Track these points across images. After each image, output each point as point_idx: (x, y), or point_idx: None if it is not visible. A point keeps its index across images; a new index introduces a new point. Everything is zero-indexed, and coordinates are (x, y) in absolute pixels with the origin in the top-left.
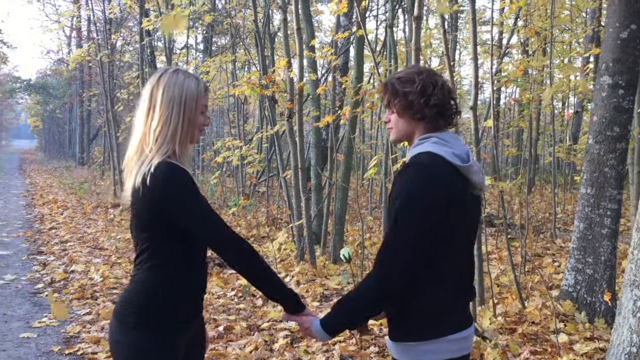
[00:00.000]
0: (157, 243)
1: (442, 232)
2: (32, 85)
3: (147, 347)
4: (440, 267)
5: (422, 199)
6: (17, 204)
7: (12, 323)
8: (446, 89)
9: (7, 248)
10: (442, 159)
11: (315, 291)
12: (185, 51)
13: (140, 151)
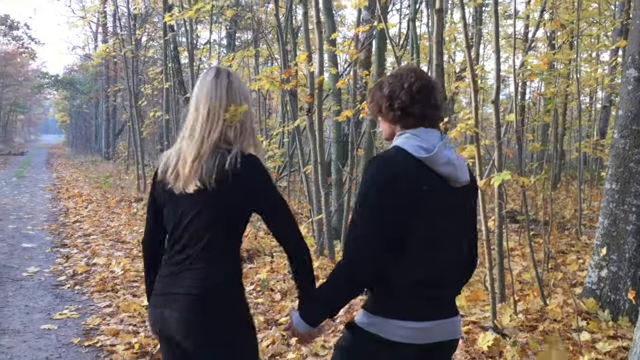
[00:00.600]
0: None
1: (401, 220)
2: (60, 80)
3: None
4: (406, 255)
5: (379, 189)
6: (43, 197)
7: (33, 315)
8: (415, 90)
9: (32, 241)
10: (406, 153)
11: None
12: (209, 46)
13: (215, 146)
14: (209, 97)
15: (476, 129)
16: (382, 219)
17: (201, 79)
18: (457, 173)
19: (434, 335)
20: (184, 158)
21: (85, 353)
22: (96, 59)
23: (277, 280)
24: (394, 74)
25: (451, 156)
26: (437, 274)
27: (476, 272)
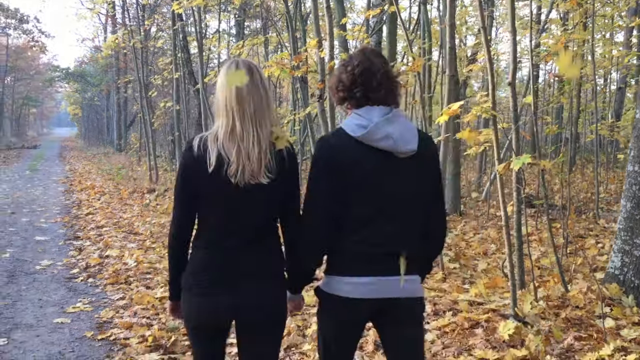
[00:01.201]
0: (272, 220)
1: (343, 194)
2: (71, 73)
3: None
4: (346, 220)
5: (319, 164)
6: (56, 190)
7: (46, 308)
8: (357, 73)
9: (45, 234)
10: (344, 132)
11: None
12: (217, 36)
13: (268, 133)
14: (260, 84)
15: (494, 111)
16: (318, 198)
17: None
18: (396, 146)
19: (380, 291)
20: (246, 153)
21: (98, 347)
22: (105, 50)
23: None
24: (344, 59)
25: (390, 131)
26: (378, 238)
27: (493, 258)
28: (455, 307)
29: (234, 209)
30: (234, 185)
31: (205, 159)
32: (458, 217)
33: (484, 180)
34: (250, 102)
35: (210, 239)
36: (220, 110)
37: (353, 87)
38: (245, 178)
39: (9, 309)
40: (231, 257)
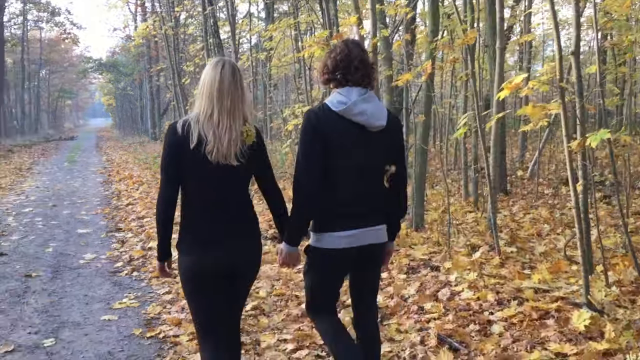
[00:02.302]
0: (246, 186)
1: (323, 158)
2: (103, 64)
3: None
4: (331, 183)
5: (306, 133)
6: (94, 181)
7: (93, 305)
8: (338, 59)
9: (87, 226)
10: (327, 107)
11: (401, 262)
12: (248, 19)
13: (241, 118)
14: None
15: (562, 83)
16: (311, 157)
17: (228, 70)
18: (369, 121)
19: (360, 240)
20: (219, 138)
21: (148, 345)
22: (137, 38)
23: None
24: (330, 48)
25: (362, 106)
26: (354, 198)
27: (548, 239)
28: (519, 296)
29: (213, 180)
30: (211, 161)
31: (188, 137)
32: (504, 196)
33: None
34: (228, 97)
35: (198, 210)
36: (204, 97)
37: (335, 71)
38: (219, 158)
39: (55, 306)
40: (215, 223)
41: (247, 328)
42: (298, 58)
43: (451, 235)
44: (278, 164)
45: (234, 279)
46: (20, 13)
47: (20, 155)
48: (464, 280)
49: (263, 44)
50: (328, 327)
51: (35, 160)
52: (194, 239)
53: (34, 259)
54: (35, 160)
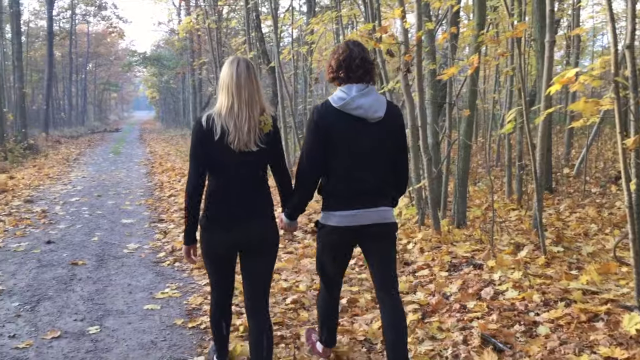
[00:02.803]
0: (264, 170)
1: (328, 146)
2: (147, 57)
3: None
4: (335, 170)
5: (311, 127)
6: (138, 172)
7: (136, 294)
8: (341, 59)
9: (131, 216)
10: (329, 103)
11: (443, 259)
12: (290, 13)
13: (259, 109)
14: (253, 77)
15: (618, 78)
16: (316, 149)
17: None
18: (366, 114)
19: (361, 220)
20: (240, 127)
21: (189, 335)
22: (181, 32)
23: None
24: (335, 48)
25: (360, 101)
26: (357, 182)
27: (596, 239)
28: (566, 297)
29: (235, 167)
30: (233, 150)
31: (212, 130)
32: (550, 194)
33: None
34: (245, 90)
35: (221, 191)
36: (224, 92)
37: (339, 70)
38: (240, 146)
39: (100, 294)
40: (237, 203)
41: (286, 322)
42: None
43: (494, 233)
44: None
45: (250, 254)
46: (69, 7)
47: (67, 146)
48: (508, 279)
49: (305, 38)
50: (325, 297)
51: (81, 151)
52: (214, 217)
53: (80, 248)
54: (81, 151)
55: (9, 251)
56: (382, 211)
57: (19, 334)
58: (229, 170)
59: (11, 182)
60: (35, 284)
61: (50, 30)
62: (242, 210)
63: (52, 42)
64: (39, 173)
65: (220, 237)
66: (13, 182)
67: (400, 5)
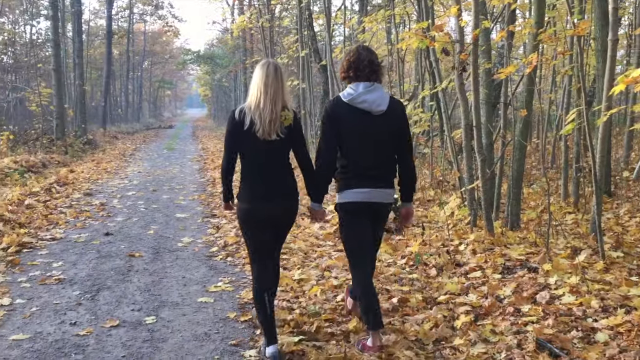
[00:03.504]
0: (286, 157)
1: (339, 134)
2: (201, 56)
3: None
4: (346, 154)
5: (325, 118)
6: (191, 168)
7: (190, 286)
8: (351, 60)
9: (185, 211)
10: (340, 98)
11: (496, 262)
12: (343, 11)
13: (279, 109)
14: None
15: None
16: (331, 136)
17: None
18: (370, 107)
19: (371, 197)
20: (264, 119)
21: (242, 329)
22: (235, 31)
23: (431, 255)
24: (347, 51)
25: (366, 97)
26: (366, 165)
27: None
28: (626, 304)
29: (260, 152)
30: (259, 138)
31: (243, 121)
32: (608, 198)
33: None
34: (271, 88)
35: (252, 176)
36: (254, 90)
37: (349, 70)
38: (264, 135)
39: (156, 285)
40: (266, 183)
41: (337, 318)
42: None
43: (550, 236)
44: None
45: (274, 224)
46: (127, 7)
47: (124, 141)
48: (565, 284)
49: (356, 37)
50: (360, 279)
51: (137, 146)
52: (247, 193)
53: (137, 240)
54: (137, 146)
55: (70, 242)
56: (386, 192)
57: (80, 321)
58: (257, 155)
59: (71, 176)
60: (95, 274)
61: (109, 29)
62: (269, 188)
63: (110, 40)
64: (97, 167)
65: (253, 208)
66: (73, 176)
67: (457, 3)
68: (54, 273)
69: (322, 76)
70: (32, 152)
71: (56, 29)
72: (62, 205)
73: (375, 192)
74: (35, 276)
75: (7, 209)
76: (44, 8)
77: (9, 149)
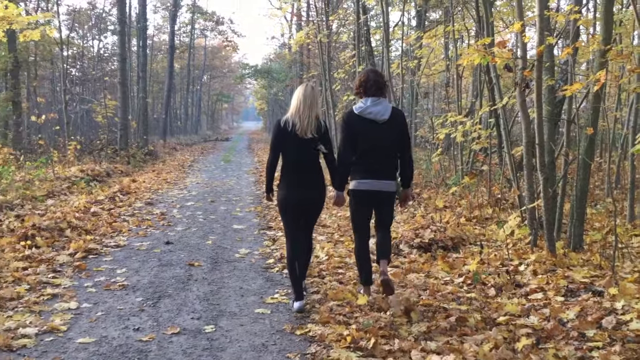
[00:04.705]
0: (317, 154)
1: (354, 138)
2: (259, 70)
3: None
4: (359, 155)
5: (343, 125)
6: (247, 180)
7: (247, 297)
8: (363, 81)
9: (241, 222)
10: (352, 110)
11: (558, 283)
12: (400, 26)
13: (314, 116)
14: (314, 94)
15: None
16: (347, 139)
17: (309, 88)
18: (375, 117)
19: (373, 186)
20: (302, 123)
21: (298, 342)
22: (294, 46)
23: (489, 274)
24: (359, 74)
25: (372, 109)
26: (372, 162)
27: None
28: None
29: (299, 150)
30: (299, 137)
31: (286, 126)
32: None
33: None
34: (308, 100)
35: (291, 169)
36: (296, 101)
37: (360, 87)
38: (302, 133)
39: (214, 295)
40: (300, 175)
41: (399, 334)
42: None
43: (616, 259)
44: (422, 172)
45: (306, 209)
46: (189, 22)
47: (182, 153)
48: (633, 309)
49: (414, 53)
50: (358, 246)
51: (195, 158)
52: (285, 183)
53: (196, 250)
54: (195, 158)
55: (132, 249)
56: (388, 183)
57: (143, 327)
58: (294, 152)
59: (134, 185)
60: (156, 281)
61: (172, 44)
62: (304, 180)
63: (173, 55)
64: (158, 177)
65: (291, 196)
66: (135, 185)
67: (520, 19)
68: (118, 279)
69: None
70: (97, 162)
71: (123, 44)
72: (125, 213)
73: (377, 182)
74: (100, 282)
75: (74, 216)
76: (111, 24)
77: (76, 158)
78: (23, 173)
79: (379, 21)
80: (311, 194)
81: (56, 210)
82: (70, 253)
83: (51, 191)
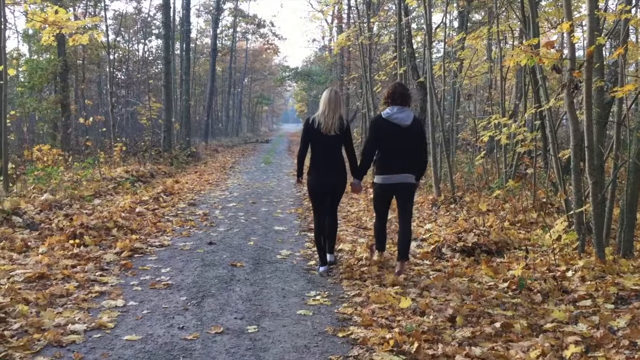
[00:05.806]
0: (340, 149)
1: (379, 139)
2: (299, 73)
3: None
4: (381, 153)
5: (371, 127)
6: (287, 182)
7: (289, 298)
8: (390, 92)
9: (282, 224)
10: (381, 115)
11: (608, 290)
12: (442, 28)
13: (338, 116)
14: (338, 98)
15: None
16: (373, 139)
17: (333, 93)
18: (399, 122)
19: (392, 180)
20: (327, 122)
21: (340, 344)
22: (336, 49)
23: (535, 279)
24: (388, 86)
25: (397, 115)
26: (393, 160)
27: None
28: None
29: (324, 145)
30: (324, 134)
31: (314, 124)
32: None
33: None
34: (333, 104)
35: (317, 159)
36: (323, 104)
37: (388, 98)
38: (327, 131)
39: (257, 295)
40: (326, 165)
41: (443, 338)
42: (490, 68)
43: None
44: (464, 175)
45: (329, 190)
46: (231, 25)
47: (224, 154)
48: None
49: (457, 54)
50: (378, 224)
51: (236, 160)
52: (313, 171)
53: (238, 250)
54: (236, 160)
55: (176, 249)
56: (407, 176)
57: (187, 326)
58: (321, 146)
59: (177, 186)
60: (200, 281)
61: (214, 47)
62: (328, 168)
63: (215, 58)
64: (200, 179)
65: (317, 181)
66: (178, 186)
67: (569, 19)
68: (163, 278)
69: (419, 93)
70: (142, 163)
71: (167, 47)
72: (169, 214)
73: (396, 176)
74: (145, 280)
75: (120, 216)
76: (156, 27)
77: (121, 159)
78: (71, 173)
79: (420, 23)
80: (335, 179)
81: (103, 210)
82: (117, 252)
83: (98, 191)
